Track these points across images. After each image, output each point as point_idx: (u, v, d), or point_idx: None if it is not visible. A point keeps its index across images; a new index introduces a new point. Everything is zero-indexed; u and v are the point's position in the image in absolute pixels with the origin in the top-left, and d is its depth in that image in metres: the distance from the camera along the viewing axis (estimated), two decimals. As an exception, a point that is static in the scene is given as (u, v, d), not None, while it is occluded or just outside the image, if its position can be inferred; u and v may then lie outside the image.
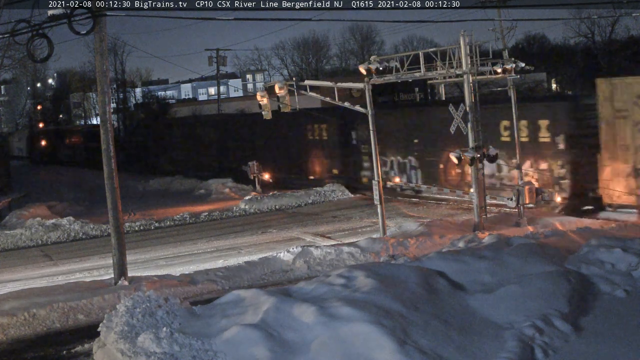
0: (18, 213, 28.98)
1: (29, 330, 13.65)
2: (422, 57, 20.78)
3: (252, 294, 11.67)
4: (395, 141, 29.00)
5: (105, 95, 15.78)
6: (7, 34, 15.88)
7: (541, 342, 10.02)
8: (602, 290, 12.33)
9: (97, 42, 15.49)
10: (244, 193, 32.65)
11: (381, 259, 17.00)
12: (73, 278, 18.03)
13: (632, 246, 13.81)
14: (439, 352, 9.62)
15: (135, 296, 11.92)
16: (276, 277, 16.87)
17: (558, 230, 18.64)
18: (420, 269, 12.52)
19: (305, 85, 22.17)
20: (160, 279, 16.15)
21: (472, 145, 19.54)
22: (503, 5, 21.77)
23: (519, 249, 14.16)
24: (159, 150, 49.55)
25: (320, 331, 10.00)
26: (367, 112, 20.49)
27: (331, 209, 27.88)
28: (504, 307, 11.20)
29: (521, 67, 22.00)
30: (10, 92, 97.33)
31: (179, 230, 25.59)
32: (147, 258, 20.66)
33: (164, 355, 9.97)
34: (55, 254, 22.57)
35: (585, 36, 60.15)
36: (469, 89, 19.56)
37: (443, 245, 17.67)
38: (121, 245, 15.88)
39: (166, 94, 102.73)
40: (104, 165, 15.76)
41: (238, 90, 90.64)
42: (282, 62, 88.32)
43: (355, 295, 11.02)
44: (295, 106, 22.06)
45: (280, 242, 21.71)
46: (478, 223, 19.81)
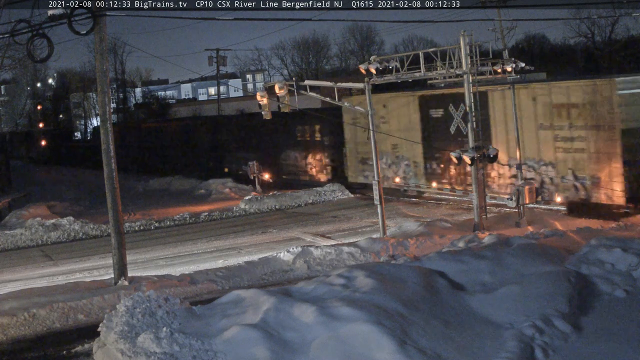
0: (18, 213, 28.99)
1: (29, 330, 13.65)
2: (422, 57, 20.78)
3: (252, 294, 11.67)
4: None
5: (105, 95, 15.79)
6: (7, 34, 15.87)
7: (541, 342, 10.02)
8: (602, 290, 12.33)
9: (97, 42, 15.49)
10: (244, 193, 32.65)
11: (381, 259, 17.00)
12: (73, 278, 18.04)
13: (632, 246, 13.80)
14: (438, 352, 9.62)
15: (135, 296, 11.91)
16: (276, 277, 16.87)
17: (558, 230, 18.64)
18: (420, 269, 12.52)
19: (305, 85, 22.16)
20: (160, 279, 16.15)
21: (472, 145, 19.55)
22: (503, 5, 21.85)
23: (519, 249, 14.16)
24: (147, 152, 49.95)
25: (320, 331, 10.00)
26: (366, 112, 20.49)
27: (331, 209, 27.88)
28: (504, 307, 11.20)
29: (521, 67, 22.03)
30: (10, 92, 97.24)
31: (179, 230, 25.60)
32: (147, 258, 20.66)
33: (164, 355, 9.96)
34: (55, 254, 22.58)
35: (585, 36, 60.09)
36: (469, 89, 19.57)
37: (443, 245, 17.65)
38: (121, 245, 15.88)
39: (166, 94, 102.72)
40: (104, 165, 15.76)
41: (238, 90, 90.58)
42: (282, 62, 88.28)
43: (355, 295, 11.01)
44: (295, 106, 22.06)
45: (280, 242, 21.71)
46: (478, 223, 19.82)
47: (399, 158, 28.39)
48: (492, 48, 22.35)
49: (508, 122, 23.12)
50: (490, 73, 21.21)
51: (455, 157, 19.65)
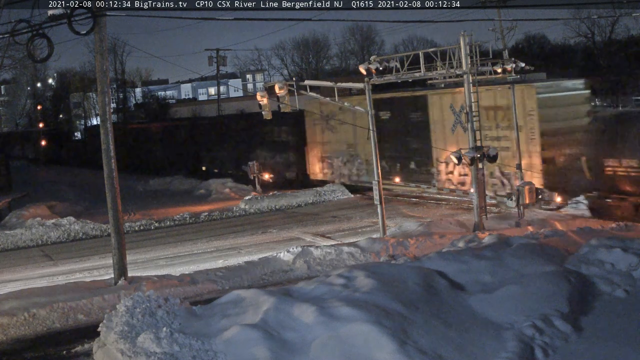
0: (18, 213, 28.96)
1: (29, 330, 13.65)
2: (422, 57, 20.78)
3: (252, 294, 11.67)
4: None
5: (105, 95, 15.79)
6: (7, 34, 15.88)
7: (541, 342, 10.02)
8: (602, 290, 12.33)
9: (97, 42, 15.49)
10: (244, 193, 32.64)
11: (381, 259, 17.00)
12: (73, 278, 18.03)
13: (632, 246, 13.80)
14: (438, 352, 9.62)
15: (135, 296, 11.91)
16: (276, 277, 16.87)
17: (558, 230, 18.63)
18: (420, 269, 12.51)
19: (305, 85, 22.17)
20: (160, 279, 16.15)
21: (472, 145, 19.55)
22: (503, 5, 21.87)
23: (519, 249, 14.16)
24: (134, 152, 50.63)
25: (320, 331, 9.99)
26: (366, 112, 20.49)
27: (331, 209, 27.88)
28: (504, 307, 11.20)
29: (521, 67, 22.05)
30: (10, 92, 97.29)
31: (179, 230, 25.59)
32: (147, 258, 20.66)
33: (164, 355, 9.96)
34: (55, 254, 22.57)
35: (585, 36, 60.09)
36: (469, 88, 19.57)
37: (443, 245, 17.64)
38: (121, 245, 15.88)
39: (166, 94, 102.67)
40: (104, 166, 15.77)
41: (238, 90, 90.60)
42: (282, 62, 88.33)
43: (355, 295, 11.01)
44: (296, 106, 22.07)
45: (280, 242, 21.71)
46: (478, 223, 19.82)
47: (353, 157, 31.19)
48: (492, 48, 22.43)
49: (445, 122, 25.33)
50: (490, 73, 21.23)
51: (456, 157, 19.65)
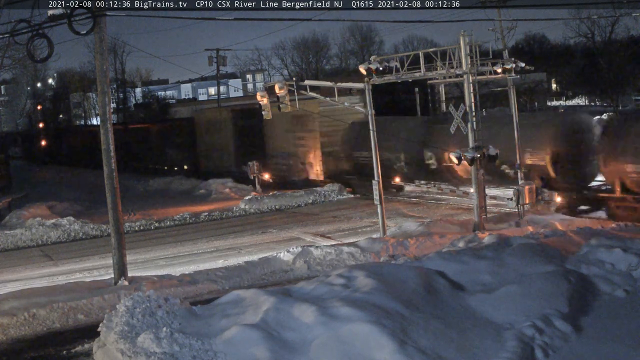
0: (18, 213, 28.97)
1: (29, 330, 13.65)
2: (422, 57, 20.77)
3: (252, 294, 11.67)
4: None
5: (105, 95, 15.79)
6: (7, 34, 15.88)
7: (541, 342, 10.01)
8: (602, 290, 12.33)
9: (97, 42, 15.49)
10: (244, 193, 32.64)
11: (381, 259, 16.99)
12: (73, 278, 18.03)
13: (632, 246, 13.82)
14: (439, 352, 9.62)
15: (135, 296, 11.91)
16: (276, 277, 16.87)
17: (558, 230, 18.63)
18: (420, 269, 12.51)
19: (305, 85, 22.18)
20: (160, 279, 16.15)
21: (472, 145, 19.54)
22: (503, 5, 21.81)
23: (519, 249, 14.16)
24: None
25: (320, 331, 9.99)
26: (366, 112, 20.49)
27: (331, 209, 27.88)
28: (504, 307, 11.20)
29: (521, 67, 22.01)
30: (10, 92, 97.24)
31: (179, 230, 25.60)
32: (147, 258, 20.66)
33: (164, 355, 9.96)
34: (55, 254, 22.57)
35: (585, 36, 60.05)
36: (469, 89, 19.56)
37: (443, 245, 17.64)
38: (121, 245, 15.88)
39: (166, 94, 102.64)
40: (104, 166, 15.77)
41: (238, 90, 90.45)
42: (282, 62, 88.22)
43: (355, 295, 11.01)
44: (296, 106, 22.06)
45: (280, 242, 21.71)
46: (478, 223, 19.81)
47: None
48: (492, 48, 22.36)
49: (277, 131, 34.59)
50: (490, 73, 21.20)
51: (456, 157, 19.64)
